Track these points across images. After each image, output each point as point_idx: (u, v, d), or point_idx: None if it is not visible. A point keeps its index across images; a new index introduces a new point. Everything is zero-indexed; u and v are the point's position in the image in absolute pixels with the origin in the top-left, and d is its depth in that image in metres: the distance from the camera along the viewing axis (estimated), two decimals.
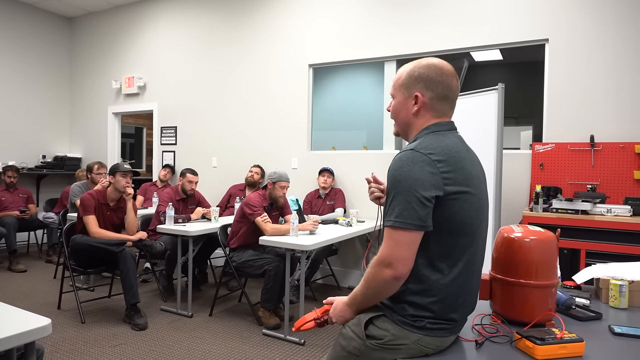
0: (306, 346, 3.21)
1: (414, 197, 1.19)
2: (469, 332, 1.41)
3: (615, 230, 3.12)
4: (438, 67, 1.35)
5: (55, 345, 3.14)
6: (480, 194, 1.32)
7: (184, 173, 4.41)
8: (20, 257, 5.46)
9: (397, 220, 1.20)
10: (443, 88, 1.34)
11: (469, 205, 1.27)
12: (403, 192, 1.21)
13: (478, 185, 1.32)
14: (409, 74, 1.37)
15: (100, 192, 3.77)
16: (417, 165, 1.22)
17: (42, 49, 6.92)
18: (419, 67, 1.36)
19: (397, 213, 1.21)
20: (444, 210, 1.23)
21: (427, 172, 1.21)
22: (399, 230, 1.20)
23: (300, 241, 3.26)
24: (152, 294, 4.35)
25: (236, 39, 5.63)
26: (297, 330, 1.48)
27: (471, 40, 4.24)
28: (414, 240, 1.21)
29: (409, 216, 1.19)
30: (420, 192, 1.19)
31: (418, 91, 1.35)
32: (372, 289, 1.28)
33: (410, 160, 1.23)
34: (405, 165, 1.23)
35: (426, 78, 1.34)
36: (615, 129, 3.63)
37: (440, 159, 1.23)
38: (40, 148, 6.91)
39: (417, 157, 1.23)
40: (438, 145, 1.27)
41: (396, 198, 1.22)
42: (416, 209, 1.19)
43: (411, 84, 1.36)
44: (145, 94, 6.46)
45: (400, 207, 1.20)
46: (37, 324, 1.41)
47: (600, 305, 1.75)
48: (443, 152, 1.25)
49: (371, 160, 4.77)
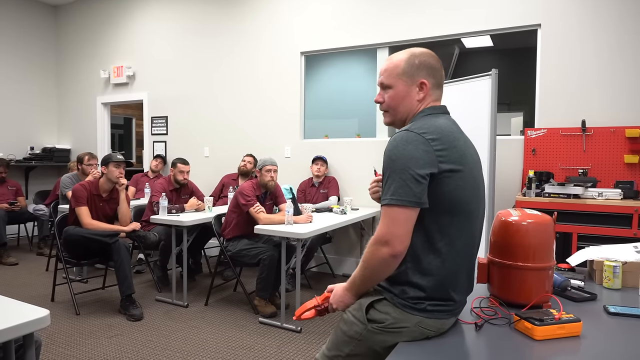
0: (303, 333, 3.23)
1: (409, 175, 1.21)
2: (468, 315, 1.43)
3: (606, 213, 3.16)
4: (434, 55, 1.40)
5: (51, 337, 3.12)
6: (475, 173, 1.34)
7: (175, 163, 4.38)
8: (10, 250, 5.40)
9: (392, 198, 1.22)
10: (440, 76, 1.40)
11: (464, 183, 1.28)
12: (398, 171, 1.22)
13: (473, 165, 1.34)
14: (408, 62, 1.36)
15: (92, 183, 3.73)
16: (411, 144, 1.23)
17: (28, 38, 6.78)
18: (417, 54, 1.37)
19: (393, 191, 1.22)
20: (439, 188, 1.24)
21: (421, 150, 1.23)
22: (394, 208, 1.22)
23: (295, 229, 3.27)
24: (147, 285, 4.34)
25: (227, 27, 5.55)
26: (298, 319, 1.48)
27: (464, 26, 4.23)
28: (410, 217, 1.22)
29: (404, 193, 1.20)
30: (415, 169, 1.21)
31: (423, 78, 1.36)
32: (369, 268, 1.29)
33: (404, 140, 1.25)
34: (400, 144, 1.25)
35: (428, 65, 1.36)
36: (606, 114, 3.66)
37: (434, 138, 1.25)
38: (28, 139, 6.80)
39: (411, 136, 1.25)
40: (431, 125, 1.29)
41: (391, 177, 1.24)
42: (411, 186, 1.20)
43: (414, 72, 1.36)
44: (135, 83, 6.37)
45: (396, 185, 1.22)
46: (35, 315, 1.39)
47: (595, 286, 1.78)
48: (437, 132, 1.27)
49: (364, 148, 4.76)
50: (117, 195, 3.79)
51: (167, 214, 3.89)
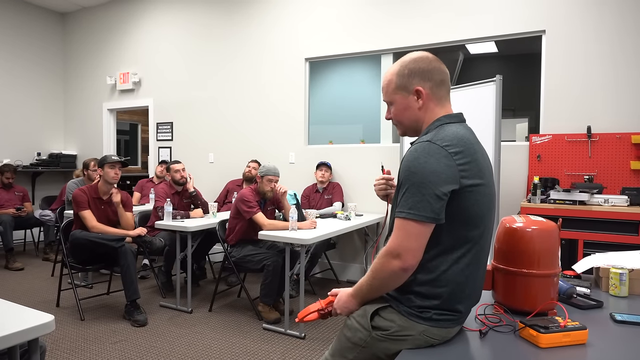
0: (307, 340, 3.22)
1: (430, 190, 1.18)
2: (473, 322, 1.42)
3: (612, 220, 3.14)
4: (423, 57, 1.35)
5: (55, 342, 3.13)
6: (492, 186, 1.32)
7: (168, 167, 4.45)
8: (17, 255, 5.43)
9: (410, 212, 1.19)
10: (438, 73, 1.35)
11: (482, 197, 1.26)
12: (418, 184, 1.19)
13: (490, 177, 1.32)
14: (399, 75, 1.36)
15: (91, 187, 3.74)
16: (434, 157, 1.20)
17: (35, 45, 6.85)
18: (405, 64, 1.35)
19: (411, 205, 1.19)
20: (459, 203, 1.22)
21: (443, 165, 1.19)
22: (411, 222, 1.19)
23: (299, 235, 3.26)
24: (151, 290, 4.34)
25: (232, 33, 5.59)
26: (301, 321, 1.48)
27: (469, 32, 4.23)
28: (425, 233, 1.20)
29: (423, 208, 1.18)
30: (436, 185, 1.18)
31: (417, 85, 1.33)
32: (378, 279, 1.27)
33: (426, 152, 1.21)
34: (422, 156, 1.21)
35: (419, 70, 1.34)
36: (612, 120, 3.64)
37: (457, 151, 1.21)
38: (35, 145, 6.85)
39: (433, 149, 1.21)
40: (454, 136, 1.24)
41: (410, 190, 1.20)
42: (430, 201, 1.18)
43: (407, 82, 1.35)
44: (141, 89, 6.41)
45: (415, 200, 1.19)
46: (40, 320, 1.39)
47: (601, 293, 1.76)
48: (460, 144, 1.23)
49: (369, 154, 4.76)
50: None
51: (172, 219, 3.90)
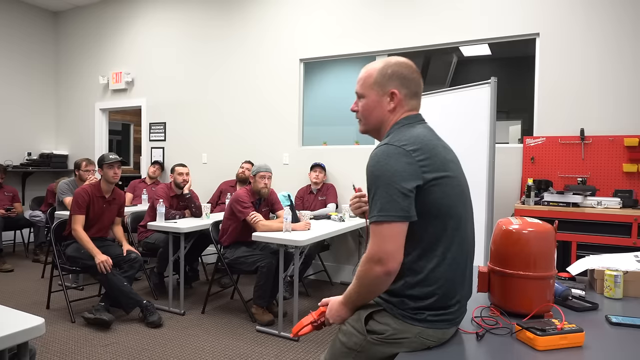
0: (300, 342, 3.20)
1: (394, 189, 1.20)
2: (469, 325, 1.41)
3: (605, 222, 3.16)
4: (409, 65, 1.38)
5: (46, 345, 3.08)
6: (459, 177, 1.34)
7: (173, 168, 4.36)
8: (6, 256, 5.35)
9: (380, 215, 1.20)
10: (415, 85, 1.38)
11: (450, 189, 1.28)
12: (383, 186, 1.21)
13: (455, 169, 1.33)
14: (381, 72, 1.36)
15: (94, 186, 3.72)
16: (393, 158, 1.23)
17: (27, 44, 6.78)
18: (389, 65, 1.36)
19: (380, 207, 1.21)
20: (427, 198, 1.23)
21: (403, 163, 1.22)
22: (383, 224, 1.20)
23: (293, 237, 3.25)
24: (143, 292, 4.30)
25: (226, 33, 5.57)
26: (296, 336, 1.47)
27: (462, 35, 4.24)
28: (400, 233, 1.21)
29: (392, 208, 1.19)
30: (400, 183, 1.20)
31: (394, 88, 1.35)
32: (365, 286, 1.28)
33: (385, 154, 1.24)
34: (382, 159, 1.24)
35: (400, 75, 1.35)
36: (605, 123, 3.67)
37: (415, 149, 1.24)
38: (26, 145, 6.77)
39: (391, 150, 1.24)
40: (411, 136, 1.28)
41: (377, 193, 1.22)
42: (398, 200, 1.19)
43: (386, 82, 1.35)
44: (133, 89, 6.36)
45: (382, 201, 1.20)
46: (30, 323, 1.37)
47: (595, 295, 1.77)
48: (417, 142, 1.26)
49: (363, 155, 4.75)
50: (118, 197, 3.80)
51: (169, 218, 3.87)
